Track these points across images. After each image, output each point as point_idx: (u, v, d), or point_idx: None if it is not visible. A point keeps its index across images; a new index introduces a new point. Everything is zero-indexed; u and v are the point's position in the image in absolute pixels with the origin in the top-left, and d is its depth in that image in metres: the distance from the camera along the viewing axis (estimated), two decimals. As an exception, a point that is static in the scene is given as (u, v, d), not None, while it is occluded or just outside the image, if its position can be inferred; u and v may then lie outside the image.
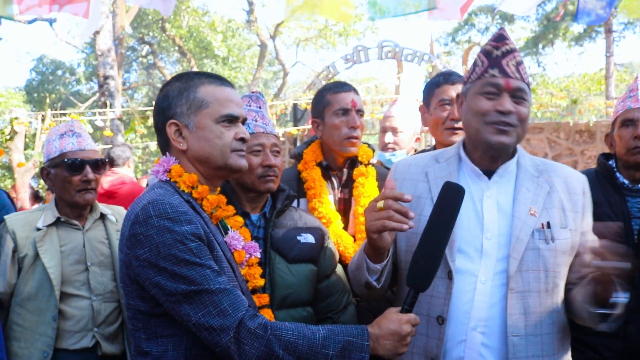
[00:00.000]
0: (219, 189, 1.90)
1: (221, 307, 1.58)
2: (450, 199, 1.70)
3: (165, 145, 1.81)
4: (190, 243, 1.60)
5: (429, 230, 1.69)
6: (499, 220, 1.82)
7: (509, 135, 1.81)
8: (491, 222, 1.83)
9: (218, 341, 1.57)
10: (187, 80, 1.79)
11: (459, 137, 2.66)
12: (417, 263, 1.69)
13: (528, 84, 1.86)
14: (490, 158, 1.88)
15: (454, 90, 2.67)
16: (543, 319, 1.77)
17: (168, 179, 1.77)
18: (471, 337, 1.76)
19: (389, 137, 3.69)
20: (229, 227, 1.88)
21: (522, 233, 1.78)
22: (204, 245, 1.64)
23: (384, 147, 3.69)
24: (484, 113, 1.82)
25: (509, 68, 1.82)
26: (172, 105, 1.76)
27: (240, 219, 1.92)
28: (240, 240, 1.84)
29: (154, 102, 1.86)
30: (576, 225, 1.85)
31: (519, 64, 1.84)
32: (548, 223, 1.81)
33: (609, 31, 19.86)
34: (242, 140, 1.78)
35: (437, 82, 2.76)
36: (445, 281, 1.80)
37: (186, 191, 1.74)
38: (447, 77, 2.74)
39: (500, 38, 1.88)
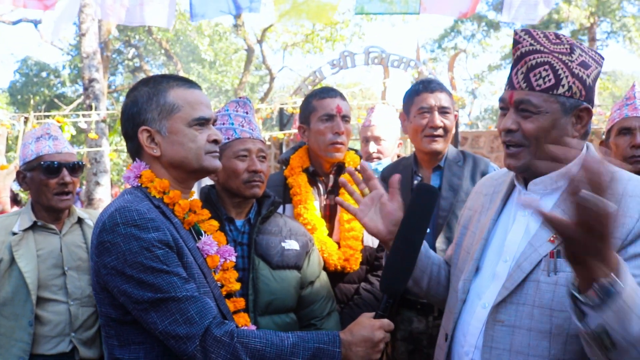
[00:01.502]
0: (193, 192, 1.88)
1: (188, 314, 1.56)
2: (422, 201, 1.67)
3: (135, 152, 1.79)
4: (157, 250, 1.58)
5: (401, 234, 1.67)
6: (520, 244, 1.61)
7: (517, 158, 1.62)
8: (512, 245, 1.64)
9: (184, 349, 1.56)
10: (155, 84, 1.76)
11: (438, 145, 2.65)
12: (389, 267, 1.67)
13: (551, 88, 1.55)
14: (523, 179, 1.71)
15: (433, 99, 2.67)
16: None
17: (139, 184, 1.75)
18: None
19: (372, 147, 3.67)
20: (203, 232, 1.84)
21: (526, 262, 1.55)
22: (172, 252, 1.62)
23: (369, 157, 3.67)
24: (499, 131, 1.67)
25: (516, 77, 1.61)
26: (142, 111, 1.73)
27: (215, 223, 1.88)
28: (213, 245, 1.81)
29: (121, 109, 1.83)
30: None
31: (532, 68, 1.58)
32: (558, 251, 1.51)
33: (592, 39, 20.11)
34: (215, 142, 1.77)
35: (417, 90, 2.75)
36: (461, 299, 1.71)
37: (157, 196, 1.72)
38: (426, 85, 2.73)
39: (514, 43, 1.65)
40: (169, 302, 1.56)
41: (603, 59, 1.66)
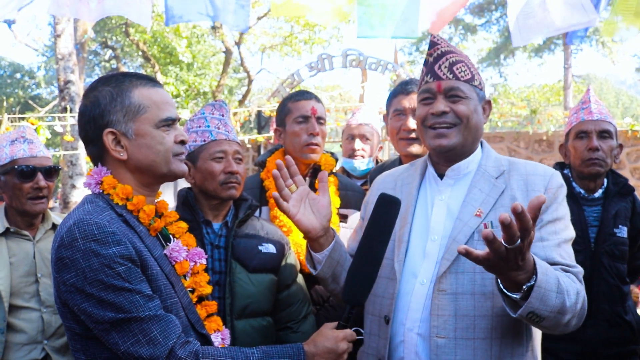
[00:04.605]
0: (160, 192, 1.80)
1: (151, 335, 1.50)
2: (385, 211, 1.69)
3: (97, 156, 1.69)
4: (118, 267, 1.49)
5: (364, 244, 1.69)
6: (446, 223, 1.82)
7: (449, 137, 1.83)
8: (437, 224, 1.83)
9: None
10: (117, 83, 1.65)
11: (415, 148, 2.66)
12: (352, 277, 1.69)
13: (469, 80, 1.85)
14: (443, 161, 1.90)
15: (408, 101, 2.67)
16: (477, 322, 1.69)
17: (101, 191, 1.66)
18: (408, 337, 1.76)
19: (358, 144, 3.69)
20: (171, 236, 1.78)
21: (460, 234, 1.75)
22: (135, 267, 1.53)
23: (353, 154, 3.69)
24: (422, 118, 1.89)
25: (440, 70, 1.85)
26: (106, 112, 1.62)
27: (183, 225, 1.83)
28: (182, 251, 1.75)
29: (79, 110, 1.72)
30: None
31: (453, 64, 1.85)
32: (491, 223, 1.75)
33: (566, 43, 20.38)
34: (182, 142, 1.71)
35: (395, 91, 2.77)
36: (393, 282, 1.82)
37: (120, 203, 1.64)
38: (403, 87, 2.74)
39: (431, 45, 1.91)
40: (131, 322, 1.49)
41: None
